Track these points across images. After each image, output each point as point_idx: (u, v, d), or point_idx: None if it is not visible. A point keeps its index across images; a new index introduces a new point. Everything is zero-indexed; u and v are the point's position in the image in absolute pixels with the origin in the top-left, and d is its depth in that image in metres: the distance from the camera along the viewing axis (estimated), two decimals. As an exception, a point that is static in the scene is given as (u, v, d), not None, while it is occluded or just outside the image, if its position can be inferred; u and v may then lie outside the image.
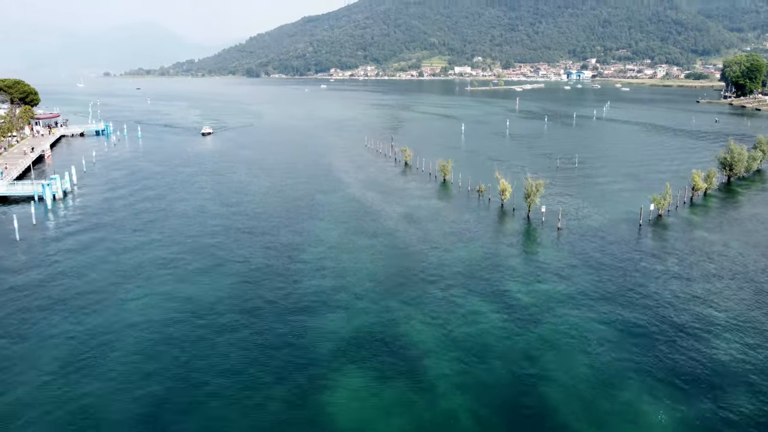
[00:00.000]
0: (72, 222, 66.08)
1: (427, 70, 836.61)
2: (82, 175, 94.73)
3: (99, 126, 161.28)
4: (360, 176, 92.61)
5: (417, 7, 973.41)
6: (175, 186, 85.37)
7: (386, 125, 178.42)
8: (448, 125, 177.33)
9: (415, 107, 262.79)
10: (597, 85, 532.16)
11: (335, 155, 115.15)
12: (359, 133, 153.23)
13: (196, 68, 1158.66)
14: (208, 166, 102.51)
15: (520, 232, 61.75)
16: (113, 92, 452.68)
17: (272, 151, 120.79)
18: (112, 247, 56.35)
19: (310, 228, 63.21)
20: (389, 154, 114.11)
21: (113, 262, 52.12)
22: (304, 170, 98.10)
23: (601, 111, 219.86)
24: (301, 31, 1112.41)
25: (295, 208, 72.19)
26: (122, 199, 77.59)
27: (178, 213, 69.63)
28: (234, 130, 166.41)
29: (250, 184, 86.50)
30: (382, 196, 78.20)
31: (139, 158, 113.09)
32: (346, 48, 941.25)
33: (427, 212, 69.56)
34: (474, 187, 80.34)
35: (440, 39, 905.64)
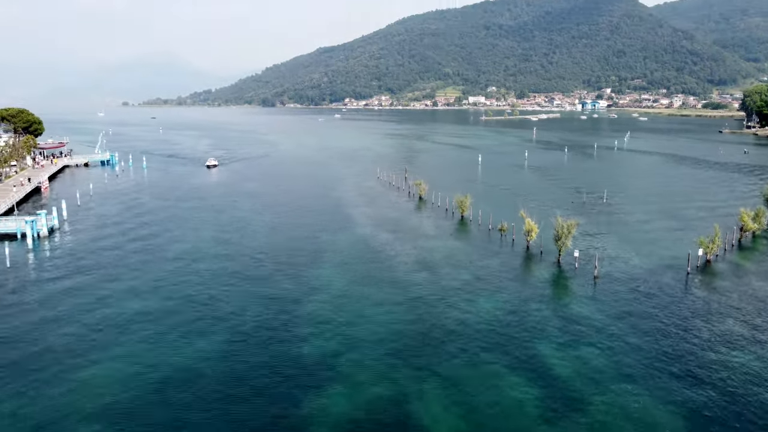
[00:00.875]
0: (50, 266, 59.65)
1: (441, 99, 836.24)
2: (76, 209, 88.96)
3: (104, 156, 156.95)
4: (370, 212, 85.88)
5: (431, 38, 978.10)
6: (172, 223, 79.07)
7: (400, 156, 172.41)
8: (464, 156, 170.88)
9: (429, 137, 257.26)
10: (614, 114, 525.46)
11: (345, 188, 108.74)
12: (372, 164, 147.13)
13: (212, 98, 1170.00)
14: (210, 200, 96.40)
15: (550, 281, 54.36)
16: (128, 121, 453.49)
17: (280, 184, 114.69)
18: (86, 301, 49.61)
19: (312, 275, 56.24)
20: (402, 187, 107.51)
21: (81, 321, 45.33)
22: (312, 205, 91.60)
23: (622, 141, 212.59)
24: (317, 62, 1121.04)
25: (297, 250, 65.37)
26: (111, 238, 71.31)
27: (169, 256, 63.07)
28: (243, 161, 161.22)
29: (251, 221, 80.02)
30: (393, 235, 71.23)
31: (139, 191, 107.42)
32: (361, 78, 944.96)
33: (443, 255, 62.44)
34: (495, 225, 73.26)
35: (454, 69, 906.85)
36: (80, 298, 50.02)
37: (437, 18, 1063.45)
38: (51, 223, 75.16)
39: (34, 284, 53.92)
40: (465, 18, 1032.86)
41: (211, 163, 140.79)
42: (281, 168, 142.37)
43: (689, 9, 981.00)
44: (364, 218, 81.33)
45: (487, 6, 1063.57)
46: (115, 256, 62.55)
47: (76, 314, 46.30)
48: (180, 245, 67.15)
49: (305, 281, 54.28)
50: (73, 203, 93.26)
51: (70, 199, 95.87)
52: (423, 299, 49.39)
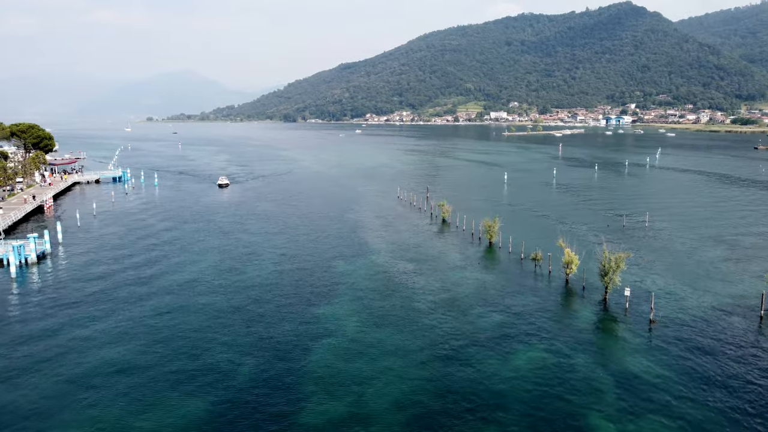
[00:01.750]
0: (27, 302, 53.29)
1: (462, 115, 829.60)
2: (75, 231, 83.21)
3: (116, 173, 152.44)
4: (390, 237, 78.69)
5: (453, 54, 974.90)
6: (173, 249, 72.66)
7: (421, 173, 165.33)
8: (489, 173, 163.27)
9: (451, 153, 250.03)
10: (640, 130, 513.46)
11: (363, 209, 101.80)
12: (392, 182, 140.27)
13: (235, 113, 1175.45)
14: (218, 222, 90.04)
15: (597, 325, 46.59)
16: (149, 136, 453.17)
17: (294, 204, 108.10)
18: (55, 350, 43.07)
19: (322, 314, 49.13)
20: (424, 208, 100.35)
21: (49, 372, 38.79)
22: (327, 228, 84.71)
23: (654, 158, 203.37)
24: (338, 78, 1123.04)
25: (308, 282, 58.37)
26: (105, 265, 65.07)
27: (164, 288, 56.46)
28: (258, 179, 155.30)
29: (260, 247, 73.30)
30: (415, 265, 63.92)
31: (145, 210, 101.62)
32: (382, 94, 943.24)
33: (472, 290, 54.97)
34: (527, 253, 65.72)
35: (476, 84, 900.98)
36: (50, 342, 43.49)
37: (459, 34, 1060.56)
38: (42, 248, 69.29)
39: (8, 323, 47.51)
40: (486, 34, 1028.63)
41: (222, 182, 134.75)
42: (297, 186, 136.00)
43: (715, 24, 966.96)
44: (382, 244, 74.17)
45: (509, 22, 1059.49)
46: (104, 289, 56.11)
47: (39, 367, 39.68)
48: (178, 275, 60.57)
49: (314, 322, 47.19)
50: (73, 224, 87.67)
51: (70, 219, 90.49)
52: (449, 347, 42.02)
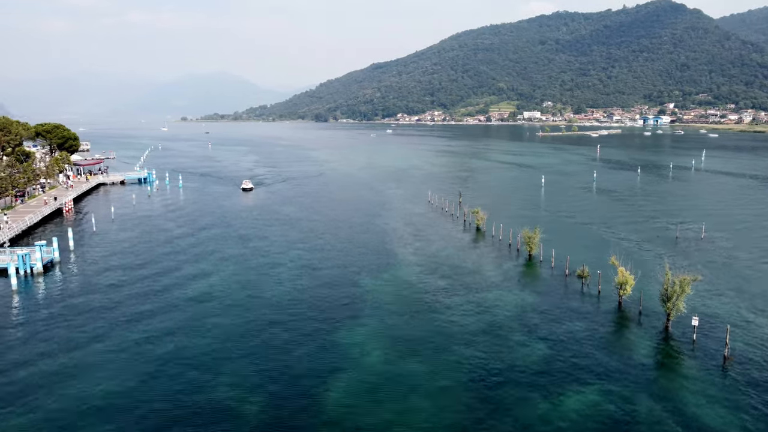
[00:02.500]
0: (22, 319, 48.89)
1: (494, 114, 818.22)
2: (89, 236, 79.42)
3: (141, 174, 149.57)
4: (420, 247, 72.82)
5: (485, 53, 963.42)
6: (188, 258, 67.98)
7: (453, 175, 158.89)
8: (524, 176, 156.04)
9: (484, 155, 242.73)
10: (680, 130, 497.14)
11: (392, 215, 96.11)
12: (422, 185, 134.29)
13: (267, 113, 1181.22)
14: (238, 228, 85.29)
15: (660, 362, 40.13)
16: (181, 136, 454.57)
17: (319, 209, 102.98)
18: (45, 371, 38.47)
19: (343, 340, 43.64)
20: (456, 215, 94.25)
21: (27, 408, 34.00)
22: (353, 237, 79.22)
23: (699, 160, 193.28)
24: (370, 77, 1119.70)
25: (329, 299, 52.95)
26: (115, 275, 60.70)
27: (171, 304, 51.62)
28: (284, 181, 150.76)
29: (279, 257, 68.16)
30: (446, 282, 57.99)
31: (165, 214, 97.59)
32: (414, 93, 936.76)
33: (512, 313, 48.87)
34: (572, 269, 59.27)
35: (509, 84, 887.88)
36: (42, 368, 38.85)
37: (492, 33, 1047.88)
38: (50, 256, 65.33)
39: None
40: (520, 33, 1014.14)
41: (246, 185, 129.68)
42: (324, 189, 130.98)
43: (758, 20, 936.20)
44: (412, 256, 68.37)
45: (543, 20, 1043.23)
46: (107, 305, 51.53)
47: (24, 397, 34.95)
48: (188, 290, 55.71)
49: (333, 350, 41.74)
50: (88, 229, 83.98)
51: (87, 224, 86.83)
52: (487, 385, 36.15)
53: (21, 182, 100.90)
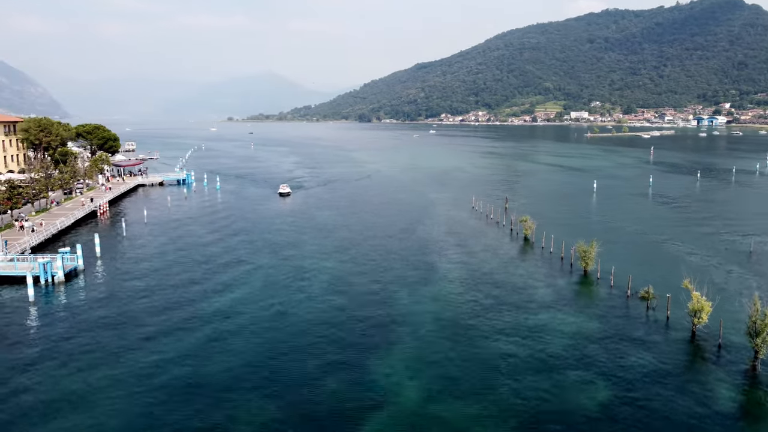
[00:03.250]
0: (31, 337, 45.37)
1: (540, 115, 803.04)
2: (119, 241, 76.64)
3: (180, 175, 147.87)
4: (462, 259, 67.24)
5: (531, 53, 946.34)
6: (215, 268, 64.04)
7: (498, 179, 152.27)
8: (574, 180, 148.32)
9: (530, 156, 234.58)
10: (737, 131, 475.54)
11: (434, 221, 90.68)
12: (466, 188, 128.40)
13: (311, 113, 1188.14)
14: (271, 235, 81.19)
15: (749, 411, 33.80)
16: (225, 136, 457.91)
17: (357, 215, 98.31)
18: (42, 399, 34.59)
19: (375, 371, 38.63)
20: (502, 222, 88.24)
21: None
22: (390, 247, 74.13)
23: (764, 163, 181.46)
24: (414, 78, 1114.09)
25: (362, 320, 48.02)
26: (135, 285, 57.16)
27: (192, 321, 47.49)
28: (325, 184, 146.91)
29: (312, 269, 63.53)
30: (491, 301, 52.31)
31: (198, 219, 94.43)
32: (458, 93, 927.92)
33: (566, 341, 43.02)
34: (635, 289, 52.90)
35: (555, 84, 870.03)
36: (37, 397, 35.01)
37: (538, 32, 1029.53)
38: (73, 264, 62.34)
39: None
40: (567, 31, 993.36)
41: (283, 190, 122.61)
42: (363, 193, 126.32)
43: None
44: (454, 269, 62.89)
45: (591, 18, 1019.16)
46: (125, 319, 47.79)
47: None
48: (212, 305, 51.53)
49: (364, 384, 36.78)
50: (118, 234, 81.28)
51: (117, 228, 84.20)
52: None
53: (57, 184, 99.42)
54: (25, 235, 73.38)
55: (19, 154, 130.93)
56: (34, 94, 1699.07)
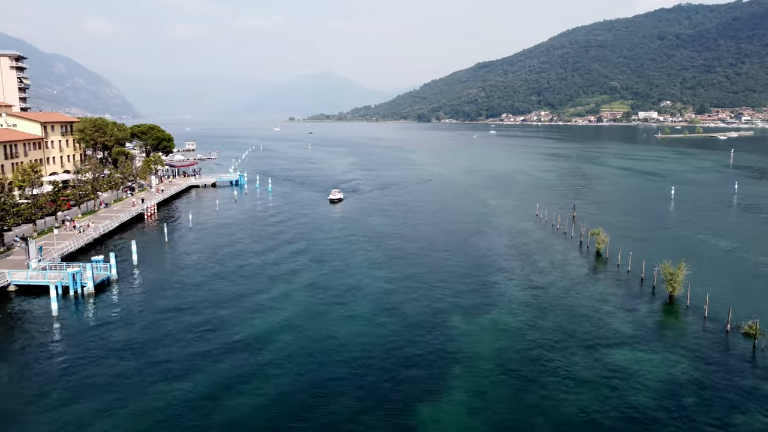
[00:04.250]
0: (42, 359, 41.01)
1: (606, 115, 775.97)
2: (159, 247, 73.01)
3: (233, 176, 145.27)
4: (526, 277, 59.94)
5: (598, 50, 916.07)
6: (256, 283, 59.00)
7: (564, 183, 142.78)
8: (648, 186, 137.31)
9: (598, 159, 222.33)
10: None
11: (494, 231, 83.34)
12: (529, 194, 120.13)
13: (371, 113, 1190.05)
14: (319, 246, 75.68)
15: None
16: (284, 137, 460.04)
17: (411, 223, 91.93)
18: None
19: (424, 418, 32.25)
20: (570, 233, 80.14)
21: None
22: (445, 261, 67.45)
23: None
24: (474, 77, 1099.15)
25: (409, 352, 41.70)
26: (167, 299, 52.67)
27: (221, 348, 42.27)
28: (380, 188, 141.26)
29: (357, 287, 57.55)
30: (560, 333, 44.86)
31: (244, 224, 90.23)
32: (519, 93, 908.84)
33: (652, 389, 35.44)
34: (735, 322, 44.54)
35: (622, 82, 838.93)
36: None
37: (605, 29, 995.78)
38: (106, 274, 58.59)
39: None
40: (636, 28, 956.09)
41: (334, 196, 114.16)
42: (420, 198, 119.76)
43: None
44: (516, 290, 55.72)
45: (662, 14, 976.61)
46: (149, 342, 43.07)
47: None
48: (245, 328, 46.23)
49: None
50: (159, 239, 77.76)
51: (160, 233, 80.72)
52: None
53: (104, 186, 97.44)
54: (67, 239, 70.53)
55: (76, 154, 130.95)
56: (108, 94, 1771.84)
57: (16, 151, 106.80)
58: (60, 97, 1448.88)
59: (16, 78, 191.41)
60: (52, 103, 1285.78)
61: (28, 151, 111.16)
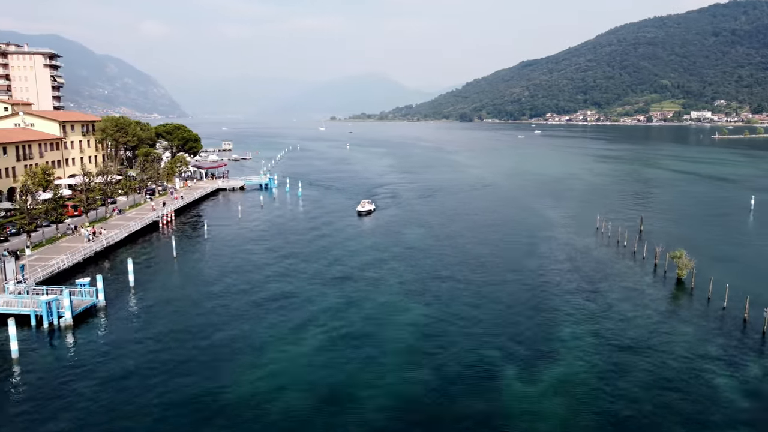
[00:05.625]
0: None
1: (656, 114, 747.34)
2: (163, 265, 64.07)
3: (263, 179, 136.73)
4: (592, 314, 48.50)
5: (647, 48, 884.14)
6: (268, 312, 49.27)
7: (623, 189, 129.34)
8: (721, 194, 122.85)
9: (655, 161, 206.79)
10: None
11: (550, 251, 71.61)
12: (586, 203, 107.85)
13: (412, 113, 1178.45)
14: (344, 264, 65.53)
15: None
16: (323, 136, 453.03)
17: (453, 236, 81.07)
18: None
19: None
20: (638, 251, 68.18)
21: None
22: (492, 288, 56.49)
23: None
24: (518, 76, 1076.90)
25: (446, 417, 31.18)
26: (159, 334, 43.30)
27: (213, 403, 32.49)
28: (419, 195, 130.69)
29: (385, 321, 47.18)
30: (649, 406, 33.48)
31: (265, 235, 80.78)
32: (565, 92, 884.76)
33: None
34: None
35: (673, 81, 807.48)
36: None
37: (655, 25, 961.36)
38: (92, 300, 49.72)
39: None
40: (689, 24, 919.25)
41: (363, 208, 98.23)
42: (461, 207, 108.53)
43: None
44: (584, 332, 44.41)
45: (717, 10, 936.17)
46: (127, 395, 33.56)
47: None
48: (245, 378, 36.26)
49: None
50: (166, 255, 68.89)
51: (168, 246, 71.81)
52: None
53: (117, 192, 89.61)
54: (64, 252, 62.22)
55: (98, 155, 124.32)
56: (156, 94, 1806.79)
57: (30, 152, 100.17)
58: (110, 97, 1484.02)
59: (49, 76, 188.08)
60: (103, 103, 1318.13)
61: (44, 152, 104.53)
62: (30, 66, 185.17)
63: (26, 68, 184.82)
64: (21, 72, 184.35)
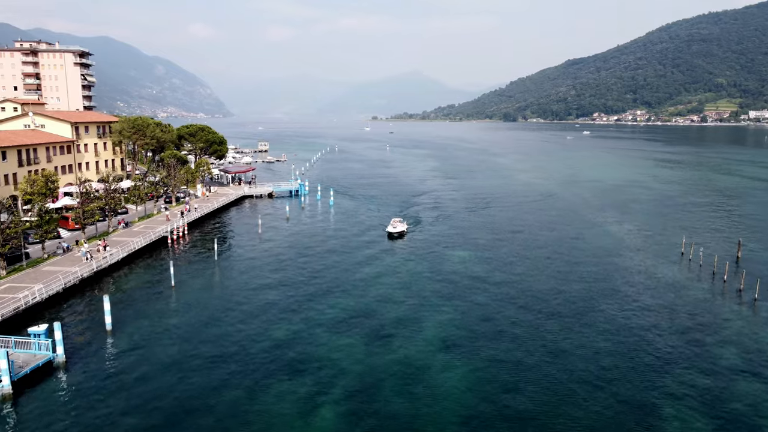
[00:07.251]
0: None
1: (711, 114, 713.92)
2: (156, 297, 52.99)
3: (293, 185, 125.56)
4: (695, 383, 35.05)
5: (701, 45, 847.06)
6: (274, 368, 37.52)
7: (700, 201, 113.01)
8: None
9: (725, 166, 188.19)
10: None
11: (628, 284, 57.75)
12: (660, 216, 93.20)
13: (455, 112, 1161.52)
14: (371, 293, 53.45)
15: None
16: (362, 137, 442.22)
17: (501, 257, 67.92)
18: None
19: None
20: (741, 286, 53.99)
21: None
22: (554, 340, 43.27)
23: None
24: (564, 74, 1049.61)
25: None
26: (121, 412, 31.81)
27: None
28: (461, 202, 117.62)
29: (418, 376, 34.76)
30: None
31: (289, 256, 69.08)
32: (613, 91, 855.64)
33: None
34: None
35: (729, 79, 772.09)
36: None
37: (710, 22, 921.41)
38: (47, 355, 38.76)
39: None
40: (746, 20, 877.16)
41: (394, 229, 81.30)
42: (514, 221, 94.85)
43: None
44: (688, 412, 31.16)
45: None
46: None
47: None
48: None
49: None
50: (161, 284, 57.80)
51: (166, 270, 60.75)
52: None
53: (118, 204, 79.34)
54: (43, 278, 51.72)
55: (116, 159, 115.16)
56: (202, 94, 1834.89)
57: (35, 157, 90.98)
58: (158, 97, 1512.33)
59: (79, 75, 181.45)
60: (151, 103, 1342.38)
61: (52, 156, 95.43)
62: (60, 65, 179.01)
63: (56, 67, 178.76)
64: (51, 71, 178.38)
